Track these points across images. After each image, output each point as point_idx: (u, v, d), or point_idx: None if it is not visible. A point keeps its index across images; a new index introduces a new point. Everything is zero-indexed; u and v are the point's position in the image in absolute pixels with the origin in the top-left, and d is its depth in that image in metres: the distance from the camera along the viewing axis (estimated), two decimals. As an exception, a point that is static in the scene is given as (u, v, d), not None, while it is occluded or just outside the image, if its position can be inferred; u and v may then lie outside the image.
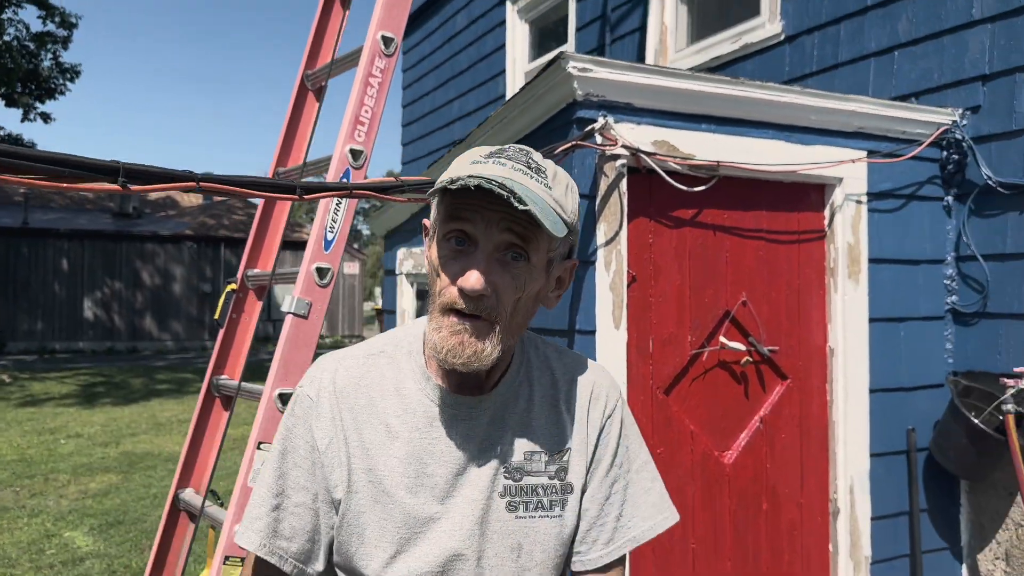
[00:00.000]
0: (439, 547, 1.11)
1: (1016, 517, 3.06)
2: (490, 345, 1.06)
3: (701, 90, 2.66)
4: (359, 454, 1.12)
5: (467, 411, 1.14)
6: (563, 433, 1.20)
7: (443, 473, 1.13)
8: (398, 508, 1.11)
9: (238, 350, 2.51)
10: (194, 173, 1.25)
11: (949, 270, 3.19)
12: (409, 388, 1.15)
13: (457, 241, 1.05)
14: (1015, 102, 3.02)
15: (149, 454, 8.64)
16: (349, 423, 1.13)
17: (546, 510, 1.17)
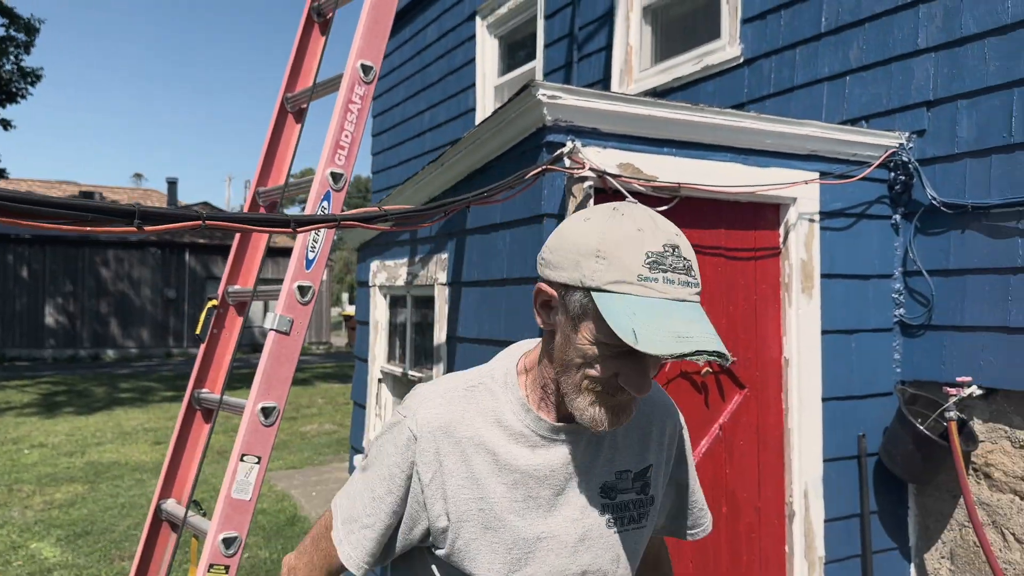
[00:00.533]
0: (547, 564, 1.22)
1: (960, 518, 3.24)
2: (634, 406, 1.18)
3: (663, 116, 2.81)
4: (468, 485, 1.21)
5: (565, 437, 1.24)
6: (645, 451, 1.33)
7: (546, 495, 1.23)
8: (508, 532, 1.21)
9: (219, 364, 2.60)
10: (200, 212, 1.35)
11: (897, 285, 3.38)
12: (510, 419, 1.23)
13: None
14: (957, 127, 3.21)
15: (116, 463, 8.59)
16: (456, 456, 1.21)
17: (636, 523, 1.30)
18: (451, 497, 1.21)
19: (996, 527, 3.11)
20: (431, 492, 1.21)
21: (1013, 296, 3.00)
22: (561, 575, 1.23)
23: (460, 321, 3.34)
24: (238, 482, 2.18)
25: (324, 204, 2.21)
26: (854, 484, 3.25)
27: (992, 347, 3.06)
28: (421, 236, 3.72)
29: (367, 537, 1.25)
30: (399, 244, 3.99)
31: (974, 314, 3.12)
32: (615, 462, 1.29)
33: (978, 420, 3.15)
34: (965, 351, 3.15)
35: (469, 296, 3.28)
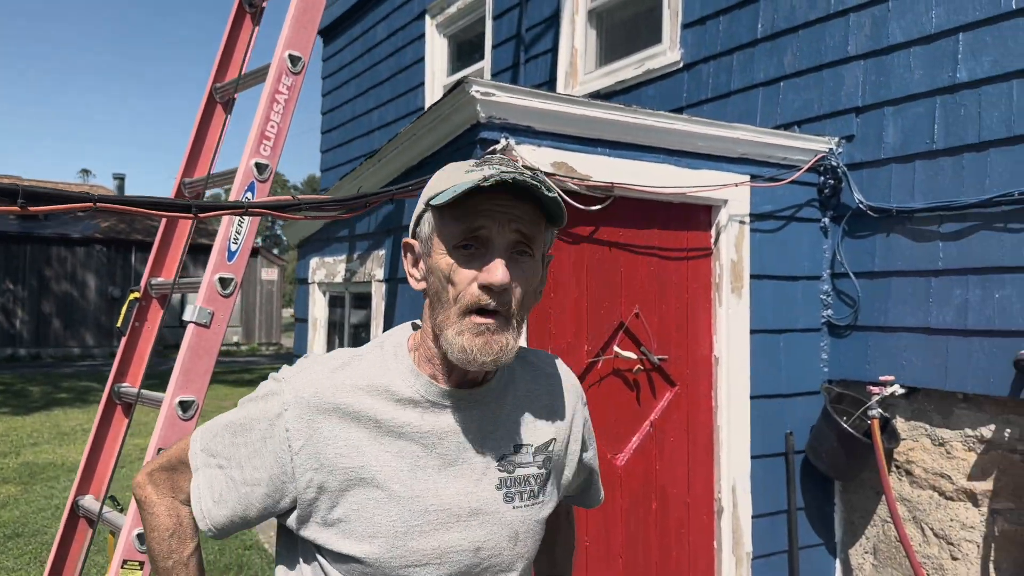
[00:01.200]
0: (436, 539, 1.14)
1: (883, 514, 3.32)
2: (512, 338, 1.12)
3: (596, 116, 2.83)
4: (348, 452, 1.13)
5: (456, 402, 1.18)
6: (548, 425, 1.28)
7: (435, 465, 1.16)
8: (393, 503, 1.13)
9: (140, 357, 2.54)
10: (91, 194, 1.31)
11: (825, 286, 3.45)
12: (398, 385, 1.17)
13: (466, 246, 1.11)
14: (883, 133, 3.30)
15: (51, 464, 8.36)
16: (334, 423, 1.14)
17: (535, 497, 1.24)
18: (327, 466, 1.14)
19: (916, 522, 3.19)
20: (300, 461, 1.14)
21: (933, 298, 3.09)
22: (451, 550, 1.16)
23: (396, 318, 3.33)
24: (155, 476, 2.13)
25: (248, 195, 2.17)
26: (781, 481, 3.31)
27: (914, 347, 3.15)
28: (360, 233, 3.70)
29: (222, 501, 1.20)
30: (338, 241, 3.96)
31: (897, 315, 3.21)
32: (515, 434, 1.24)
33: (901, 418, 3.24)
34: (889, 351, 3.24)
35: (405, 293, 3.26)
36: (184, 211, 1.53)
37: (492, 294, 1.10)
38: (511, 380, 1.27)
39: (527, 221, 1.12)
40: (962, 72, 3.05)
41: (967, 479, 3.02)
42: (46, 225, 24.23)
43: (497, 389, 1.24)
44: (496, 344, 1.10)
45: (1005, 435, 2.90)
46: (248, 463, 1.18)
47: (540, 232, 1.16)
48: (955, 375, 3.01)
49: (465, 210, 1.11)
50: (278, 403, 1.16)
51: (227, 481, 1.20)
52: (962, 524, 3.04)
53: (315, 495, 1.14)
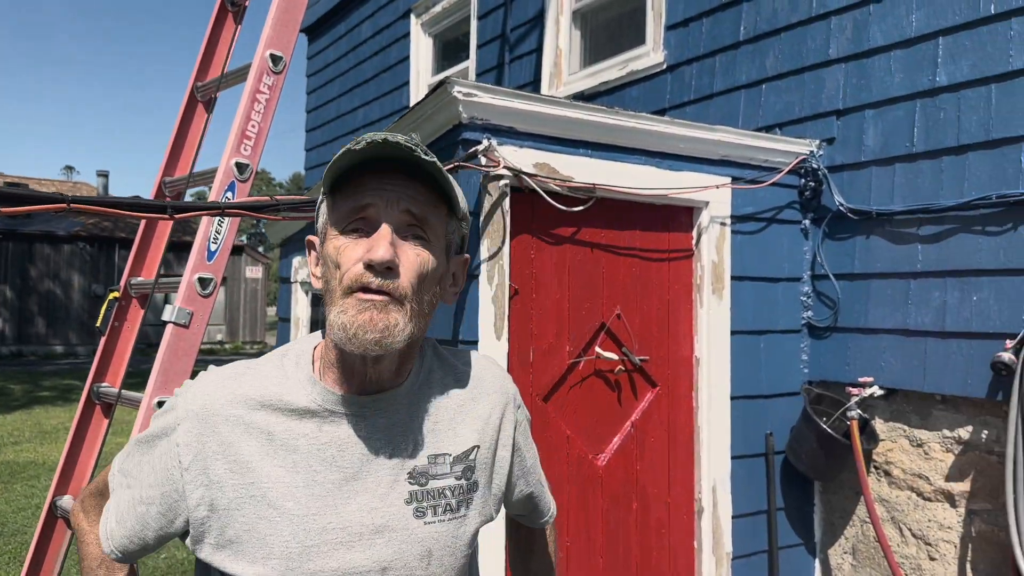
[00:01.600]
0: (336, 560, 1.06)
1: (862, 514, 3.35)
2: (402, 320, 1.03)
3: (578, 117, 2.84)
4: (237, 470, 1.07)
5: (359, 410, 1.10)
6: (469, 431, 1.19)
7: (335, 479, 1.07)
8: (286, 522, 1.05)
9: (120, 357, 2.53)
10: (64, 195, 1.30)
11: (805, 287, 3.48)
12: (295, 395, 1.10)
13: (355, 230, 1.05)
14: (864, 136, 3.32)
15: (32, 463, 8.30)
16: (223, 438, 1.07)
17: (454, 512, 1.15)
18: (215, 483, 1.07)
19: (895, 523, 3.22)
20: (190, 478, 1.07)
21: (912, 300, 3.12)
22: (354, 571, 1.07)
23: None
24: (133, 477, 2.12)
25: (228, 195, 2.17)
26: (761, 481, 3.33)
27: (892, 349, 3.18)
28: (342, 232, 3.69)
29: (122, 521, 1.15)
30: (321, 240, 3.95)
31: (876, 317, 3.24)
32: (429, 444, 1.14)
33: (879, 419, 3.26)
34: (868, 352, 3.26)
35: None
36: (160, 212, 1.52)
37: (375, 272, 1.02)
38: (427, 383, 1.18)
39: (420, 201, 1.06)
40: (942, 76, 3.08)
41: (945, 480, 3.05)
42: (29, 222, 24.01)
43: (408, 394, 1.15)
44: (381, 321, 1.01)
45: (982, 436, 2.93)
46: (144, 480, 1.12)
47: (438, 217, 1.09)
48: (933, 377, 3.04)
49: (353, 189, 1.05)
50: (173, 417, 1.11)
51: (129, 500, 1.14)
52: (940, 524, 3.07)
53: (206, 514, 1.07)
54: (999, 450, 2.86)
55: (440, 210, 1.10)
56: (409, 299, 1.04)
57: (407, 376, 1.15)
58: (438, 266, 1.09)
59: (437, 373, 1.21)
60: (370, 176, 1.05)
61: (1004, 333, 2.81)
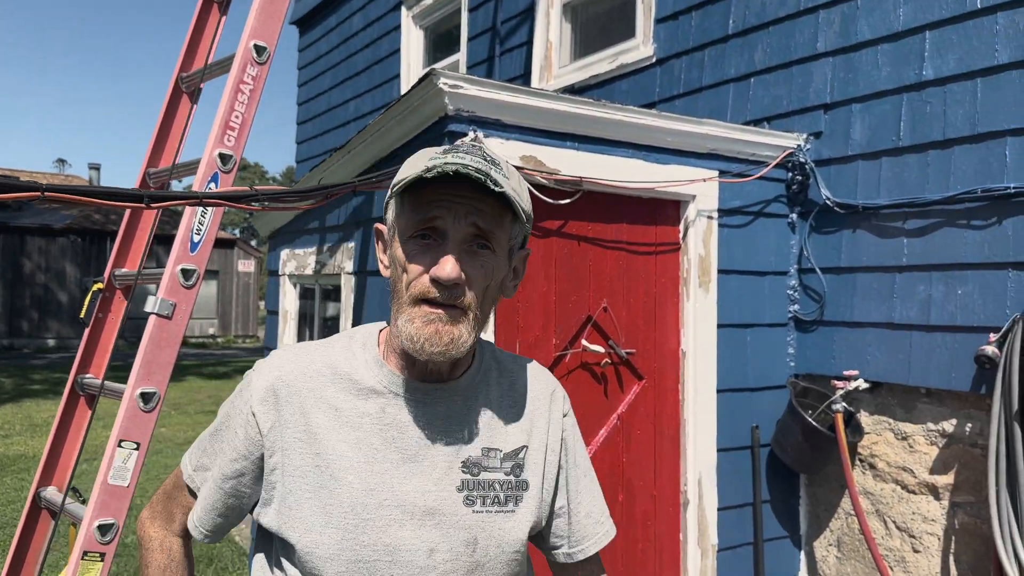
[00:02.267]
0: (388, 535, 1.11)
1: (847, 507, 3.37)
2: (466, 331, 1.09)
3: (565, 110, 2.84)
4: (305, 439, 1.13)
5: (421, 396, 1.16)
6: (521, 431, 1.23)
7: (394, 459, 1.13)
8: (346, 493, 1.11)
9: (104, 349, 2.52)
10: (39, 183, 1.30)
11: (792, 281, 3.49)
12: (362, 374, 1.16)
13: (423, 236, 1.09)
14: (851, 130, 3.33)
15: (23, 456, 8.27)
16: (295, 408, 1.14)
17: (501, 505, 1.18)
18: (287, 450, 1.14)
19: (879, 515, 3.24)
20: (269, 443, 1.15)
21: (897, 294, 3.13)
22: (403, 549, 1.11)
23: (366, 310, 3.32)
24: (115, 468, 2.12)
25: (211, 185, 2.16)
26: (747, 474, 3.35)
27: (878, 342, 3.19)
28: (330, 225, 3.69)
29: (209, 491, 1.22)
30: (308, 233, 3.94)
31: (862, 310, 3.25)
32: (483, 437, 1.19)
33: (865, 412, 3.28)
34: (854, 346, 3.27)
35: (375, 285, 3.26)
36: (136, 201, 1.52)
37: (441, 288, 1.08)
38: (484, 381, 1.23)
39: (487, 215, 1.10)
40: (928, 70, 3.08)
41: (929, 473, 3.07)
42: (21, 215, 23.89)
43: (467, 388, 1.20)
44: (446, 335, 1.08)
45: (966, 430, 2.95)
46: (227, 457, 1.19)
47: (502, 227, 1.13)
48: (918, 370, 3.06)
49: (423, 199, 1.09)
50: (248, 392, 1.18)
51: (213, 485, 1.21)
52: (924, 517, 3.09)
53: (276, 478, 1.14)
54: (982, 443, 2.88)
55: (505, 219, 1.13)
56: (473, 309, 1.10)
57: (465, 370, 1.21)
58: (501, 272, 1.15)
59: (494, 373, 1.26)
60: (440, 188, 1.08)
61: (988, 327, 2.82)
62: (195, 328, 26.09)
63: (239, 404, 1.19)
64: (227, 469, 1.19)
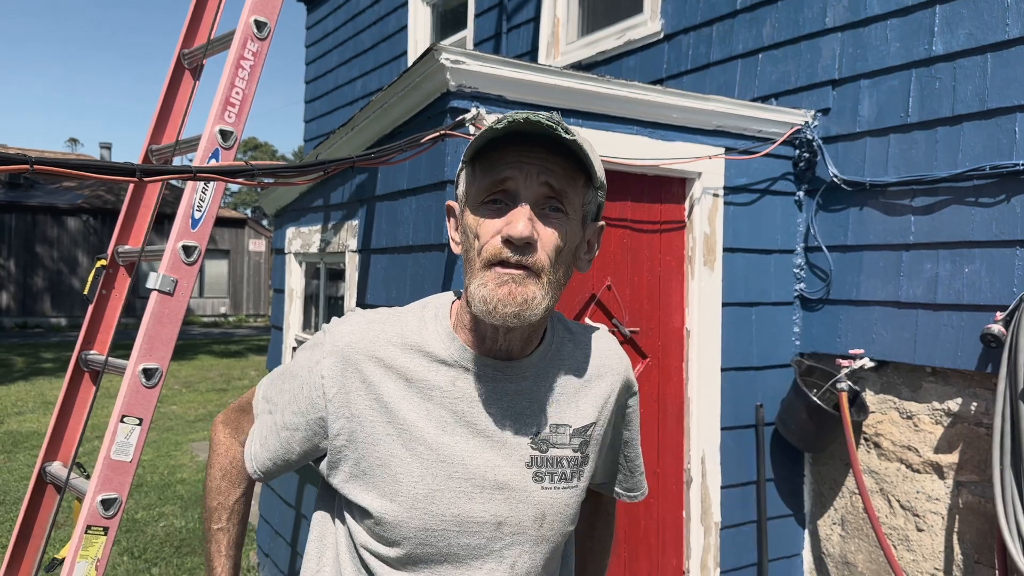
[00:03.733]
0: (456, 507, 1.11)
1: (851, 486, 3.36)
2: (540, 293, 1.06)
3: (569, 86, 2.81)
4: (376, 407, 1.13)
5: (492, 372, 1.15)
6: (590, 407, 1.23)
7: (464, 432, 1.13)
8: (416, 463, 1.11)
9: (108, 325, 2.54)
10: (27, 156, 1.29)
11: (798, 259, 3.46)
12: (433, 346, 1.15)
13: (494, 201, 1.08)
14: (859, 106, 3.29)
15: (35, 433, 8.37)
16: (367, 375, 1.14)
17: (568, 481, 1.19)
18: (356, 417, 1.14)
19: (883, 494, 3.23)
20: (333, 408, 1.15)
21: (904, 272, 3.11)
22: (472, 520, 1.13)
23: (369, 288, 3.32)
24: (118, 443, 2.14)
25: (212, 162, 2.16)
26: (751, 452, 3.34)
27: (884, 321, 3.17)
28: (334, 203, 3.68)
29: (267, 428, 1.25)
30: (313, 210, 3.94)
31: (868, 289, 3.22)
32: (552, 413, 1.19)
33: (870, 391, 3.26)
34: (859, 324, 3.25)
35: (378, 263, 3.26)
36: (128, 175, 1.52)
37: (514, 248, 1.05)
38: (557, 356, 1.22)
39: (558, 174, 1.08)
40: (938, 45, 3.04)
41: (934, 452, 3.06)
42: (32, 195, 24.01)
43: (539, 364, 1.19)
44: (520, 295, 1.05)
45: (971, 408, 2.93)
46: (288, 408, 1.21)
47: (575, 188, 1.11)
48: (924, 349, 3.04)
49: (493, 162, 1.08)
50: (319, 352, 1.18)
51: (272, 426, 1.24)
52: (928, 496, 3.08)
53: (344, 444, 1.14)
54: (987, 422, 2.86)
55: (578, 181, 1.11)
56: (547, 272, 1.07)
57: (536, 346, 1.20)
58: (575, 238, 1.12)
59: (568, 347, 1.25)
60: (511, 149, 1.06)
61: (995, 305, 2.79)
62: (207, 307, 26.25)
63: (310, 361, 1.19)
64: (285, 418, 1.21)
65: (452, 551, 1.13)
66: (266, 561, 4.31)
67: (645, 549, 3.13)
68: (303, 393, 1.18)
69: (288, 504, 4.00)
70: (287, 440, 1.21)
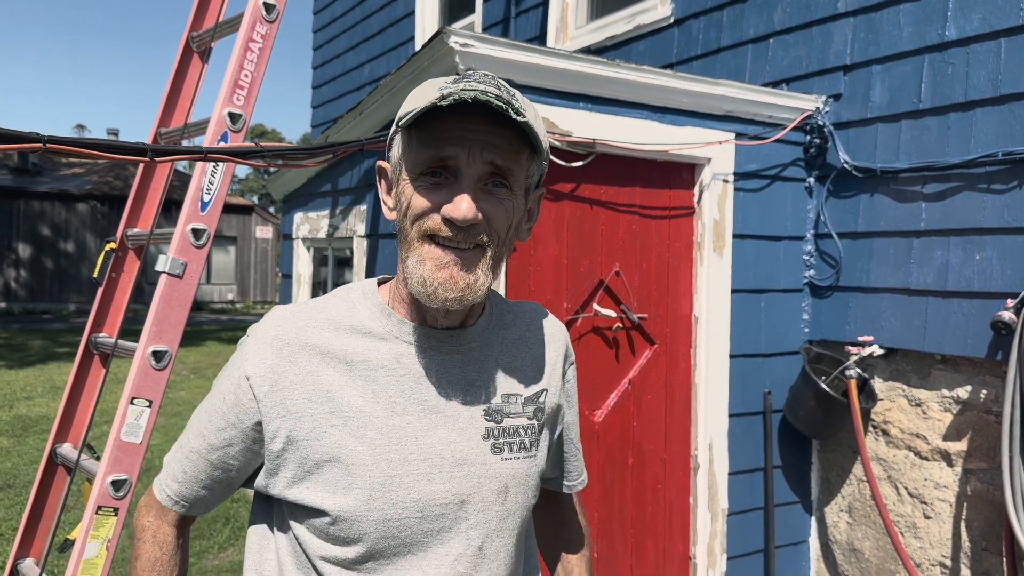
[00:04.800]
0: (416, 491, 1.05)
1: (859, 473, 3.36)
2: (482, 274, 1.02)
3: (578, 70, 2.79)
4: (316, 398, 1.05)
5: (435, 344, 1.09)
6: (538, 374, 1.19)
7: (415, 412, 1.07)
8: (368, 451, 1.04)
9: (117, 308, 2.55)
10: (40, 134, 1.29)
11: (808, 246, 3.45)
12: (368, 324, 1.09)
13: (433, 174, 1.01)
14: (871, 92, 3.26)
15: (44, 417, 8.41)
16: (300, 367, 1.06)
17: (527, 450, 1.14)
18: (294, 413, 1.05)
19: (891, 482, 3.23)
20: (267, 409, 1.05)
21: (914, 259, 3.09)
22: (434, 503, 1.06)
23: (377, 273, 3.32)
24: (128, 425, 2.15)
25: (221, 145, 2.15)
26: (759, 439, 3.34)
27: (893, 308, 3.15)
28: (342, 187, 3.68)
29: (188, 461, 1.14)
30: (322, 195, 3.94)
31: (878, 276, 3.21)
32: (502, 383, 1.14)
33: (879, 379, 3.25)
34: (869, 312, 3.24)
35: (387, 248, 3.25)
36: (140, 154, 1.51)
37: (455, 229, 1.00)
38: (499, 325, 1.18)
39: (504, 150, 1.00)
40: (951, 30, 3.00)
41: (942, 439, 3.05)
42: (41, 181, 24.08)
43: (483, 334, 1.15)
44: (462, 280, 1.00)
45: (981, 396, 2.92)
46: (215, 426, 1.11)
47: (520, 163, 1.04)
48: (933, 336, 3.02)
49: (434, 134, 1.00)
50: (241, 356, 1.09)
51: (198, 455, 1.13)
52: (936, 484, 3.07)
53: (282, 446, 1.05)
54: (997, 410, 2.85)
55: (523, 155, 1.04)
56: (491, 248, 1.03)
57: (478, 316, 1.15)
58: (518, 211, 1.07)
59: (508, 317, 1.21)
60: (452, 120, 0.98)
61: (1005, 292, 2.78)
62: (214, 294, 26.33)
63: (231, 370, 1.10)
64: (214, 439, 1.11)
65: (415, 539, 1.06)
66: None
67: (652, 535, 3.13)
68: (231, 401, 1.08)
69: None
70: (221, 460, 1.12)
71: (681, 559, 3.21)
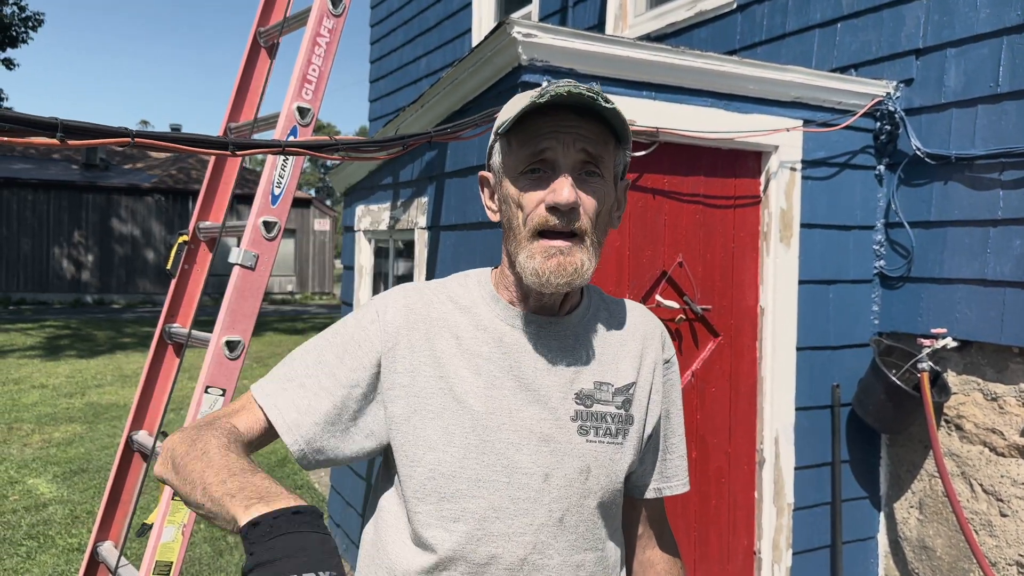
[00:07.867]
0: (505, 458, 1.14)
1: (930, 469, 3.27)
2: (586, 258, 1.12)
3: (642, 58, 2.76)
4: (431, 362, 1.17)
5: (536, 329, 1.20)
6: (630, 368, 1.26)
7: (511, 387, 1.17)
8: (468, 416, 1.14)
9: (190, 299, 2.61)
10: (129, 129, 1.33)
11: (878, 236, 3.35)
12: (479, 308, 1.21)
13: (533, 171, 1.13)
14: (945, 76, 3.15)
15: (114, 405, 8.71)
16: (420, 334, 1.18)
17: (613, 437, 1.21)
18: (415, 371, 1.17)
19: (965, 478, 3.13)
20: (388, 363, 1.17)
21: (992, 249, 2.98)
22: (520, 471, 1.15)
23: (439, 265, 3.34)
24: (203, 413, 2.20)
25: (290, 139, 2.19)
26: (826, 433, 3.27)
27: (968, 300, 3.05)
28: (403, 180, 3.71)
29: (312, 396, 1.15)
30: (382, 188, 3.98)
31: (952, 266, 3.11)
32: (595, 371, 1.23)
33: (952, 372, 3.15)
34: (942, 303, 3.14)
35: (447, 240, 3.27)
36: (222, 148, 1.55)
37: (559, 215, 1.11)
38: (594, 317, 1.27)
39: (593, 140, 1.12)
40: (1033, 10, 2.88)
41: (1020, 435, 2.94)
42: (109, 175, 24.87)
43: (580, 322, 1.24)
44: (570, 266, 1.11)
45: (1062, 391, 2.81)
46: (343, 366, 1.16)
47: (608, 152, 1.15)
48: (1011, 329, 2.91)
49: (529, 134, 1.12)
50: (372, 311, 1.21)
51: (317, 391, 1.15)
52: (1013, 480, 2.97)
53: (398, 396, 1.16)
54: (1081, 405, 2.74)
55: (610, 144, 1.15)
56: (590, 235, 1.13)
57: (575, 306, 1.25)
58: (610, 199, 1.18)
59: (603, 312, 1.29)
60: (544, 119, 1.11)
61: (1091, 283, 2.66)
62: (274, 285, 26.88)
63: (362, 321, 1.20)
64: (342, 376, 1.16)
65: (503, 504, 1.14)
66: (338, 531, 4.41)
67: (716, 529, 3.10)
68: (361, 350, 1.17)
69: (359, 476, 4.08)
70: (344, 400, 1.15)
71: (745, 553, 3.17)
